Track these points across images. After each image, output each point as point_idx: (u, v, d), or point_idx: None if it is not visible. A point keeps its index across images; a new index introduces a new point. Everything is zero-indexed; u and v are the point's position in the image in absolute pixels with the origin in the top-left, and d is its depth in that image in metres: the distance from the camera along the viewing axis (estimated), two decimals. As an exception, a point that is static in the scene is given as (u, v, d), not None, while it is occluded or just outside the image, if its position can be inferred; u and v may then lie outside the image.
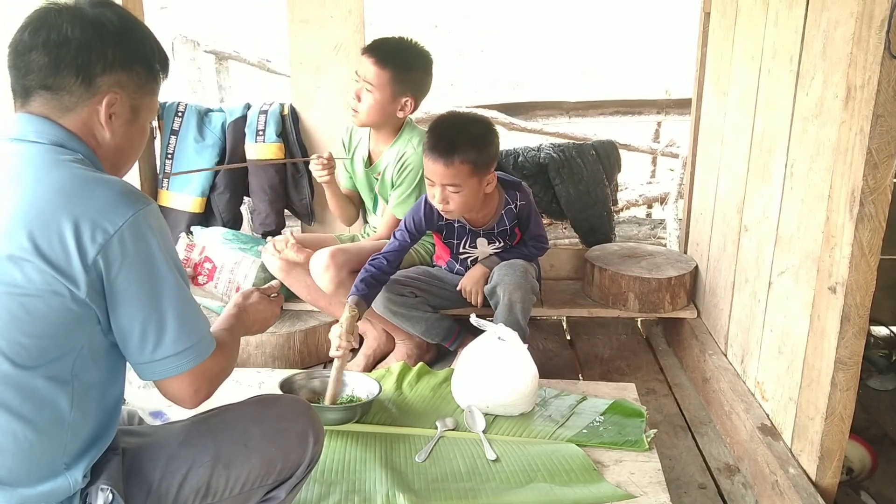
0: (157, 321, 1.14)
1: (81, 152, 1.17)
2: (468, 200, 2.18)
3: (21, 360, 1.07)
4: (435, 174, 2.13)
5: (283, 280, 2.54)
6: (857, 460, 2.07)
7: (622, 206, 5.06)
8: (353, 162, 2.67)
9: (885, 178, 1.56)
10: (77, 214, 1.07)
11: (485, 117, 2.24)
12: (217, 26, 10.04)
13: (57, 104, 1.16)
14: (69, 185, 1.09)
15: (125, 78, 1.19)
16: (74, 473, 1.14)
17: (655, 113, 5.92)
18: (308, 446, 1.37)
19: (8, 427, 1.08)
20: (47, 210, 1.06)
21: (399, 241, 2.31)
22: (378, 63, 2.36)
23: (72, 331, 1.10)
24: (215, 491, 1.27)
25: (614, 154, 3.21)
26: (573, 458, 1.83)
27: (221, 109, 2.96)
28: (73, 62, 1.14)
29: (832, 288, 1.67)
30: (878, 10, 1.50)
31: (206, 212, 2.91)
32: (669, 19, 11.43)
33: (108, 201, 1.09)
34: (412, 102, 2.42)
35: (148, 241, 1.12)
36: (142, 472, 1.24)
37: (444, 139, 2.11)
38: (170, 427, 1.37)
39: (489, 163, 2.17)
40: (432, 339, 2.45)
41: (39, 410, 1.09)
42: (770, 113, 2.07)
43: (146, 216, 1.12)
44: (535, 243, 2.40)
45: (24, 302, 1.05)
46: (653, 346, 2.93)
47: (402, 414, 2.03)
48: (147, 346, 1.15)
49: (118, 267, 1.09)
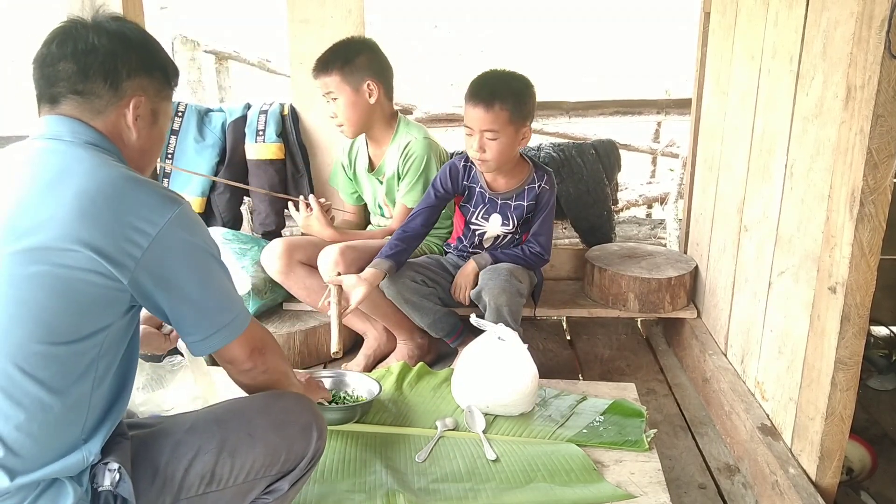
0: (206, 302, 1.25)
1: (113, 153, 1.26)
2: (504, 150, 2.23)
3: (57, 337, 1.13)
4: (475, 120, 2.20)
5: (282, 282, 2.54)
6: (857, 460, 2.07)
7: (622, 206, 5.06)
8: (356, 175, 2.70)
9: (885, 178, 1.56)
10: (127, 211, 1.15)
11: (524, 75, 2.30)
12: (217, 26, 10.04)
13: (88, 107, 1.25)
14: (120, 183, 1.17)
15: (147, 82, 1.30)
16: (90, 447, 1.18)
17: (655, 113, 5.90)
18: (312, 440, 1.41)
19: (41, 400, 1.12)
20: (100, 204, 1.14)
21: (428, 200, 2.40)
22: (322, 73, 2.47)
23: (107, 310, 1.17)
24: (220, 478, 1.31)
25: (614, 153, 3.20)
26: (573, 458, 1.83)
27: (221, 109, 2.96)
28: (101, 68, 1.24)
29: (832, 288, 1.67)
30: (878, 10, 1.50)
31: (206, 212, 2.92)
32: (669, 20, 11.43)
33: (154, 200, 1.18)
34: (374, 84, 2.48)
35: (190, 233, 1.22)
36: (149, 456, 1.28)
37: (485, 87, 2.21)
38: (177, 417, 1.41)
39: (526, 115, 2.24)
40: (436, 333, 2.45)
41: (71, 384, 1.15)
42: (770, 113, 2.07)
43: (185, 213, 1.22)
44: (534, 245, 2.39)
45: (68, 279, 1.12)
46: (653, 346, 2.93)
47: (402, 414, 2.03)
48: (202, 324, 1.26)
49: (165, 260, 1.18)
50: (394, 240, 2.35)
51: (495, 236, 2.43)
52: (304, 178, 2.93)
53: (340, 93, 2.46)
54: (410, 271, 2.36)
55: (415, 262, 2.42)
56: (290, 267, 2.50)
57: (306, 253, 2.52)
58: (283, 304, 2.79)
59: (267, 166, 2.87)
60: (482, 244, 2.46)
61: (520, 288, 2.27)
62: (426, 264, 2.44)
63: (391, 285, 2.32)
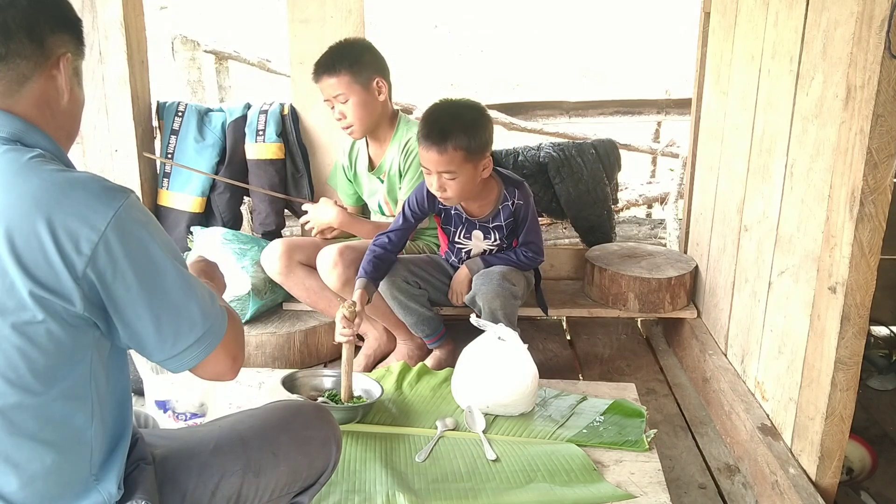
0: (168, 315, 1.08)
1: (42, 145, 1.09)
2: (465, 186, 2.19)
3: (35, 388, 1.03)
4: (430, 162, 2.15)
5: (282, 282, 2.55)
6: (857, 460, 2.07)
7: (622, 205, 5.05)
8: (357, 175, 2.69)
9: (885, 178, 1.56)
10: (56, 225, 0.99)
11: (477, 102, 2.25)
12: (217, 26, 10.04)
13: (11, 77, 1.08)
14: (40, 194, 1.00)
15: (68, 37, 1.14)
16: (107, 486, 1.12)
17: (655, 113, 5.91)
18: (331, 453, 1.41)
19: (34, 454, 1.05)
20: (24, 224, 0.98)
21: (403, 221, 2.35)
22: (328, 74, 2.42)
23: (77, 345, 1.05)
24: (245, 499, 1.29)
25: (614, 153, 3.20)
26: (573, 458, 1.83)
27: (221, 109, 2.96)
28: (23, 23, 1.07)
29: (832, 288, 1.67)
30: (878, 10, 1.50)
31: (206, 212, 2.91)
32: (669, 19, 11.44)
33: (85, 205, 1.01)
34: (382, 81, 2.47)
35: (136, 236, 1.05)
36: (175, 480, 1.24)
37: (436, 127, 2.14)
38: (198, 432, 1.37)
39: (483, 148, 2.18)
40: (416, 332, 2.46)
41: (60, 431, 1.06)
42: (770, 113, 2.07)
43: (128, 211, 1.04)
44: (526, 250, 2.37)
45: (25, 330, 1.00)
46: (653, 346, 2.93)
47: (402, 414, 2.03)
48: (167, 342, 1.10)
49: (112, 273, 1.02)
50: (371, 257, 2.28)
51: (482, 251, 2.42)
52: (304, 178, 2.93)
53: (351, 93, 2.42)
54: (405, 271, 2.36)
55: (412, 260, 2.42)
56: (290, 267, 2.50)
57: (306, 253, 2.52)
58: (283, 304, 2.79)
59: (267, 166, 2.86)
60: (470, 253, 2.45)
61: (513, 290, 2.26)
62: (422, 264, 2.44)
63: (384, 282, 2.33)
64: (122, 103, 2.77)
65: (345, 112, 2.45)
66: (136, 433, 1.25)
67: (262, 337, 2.58)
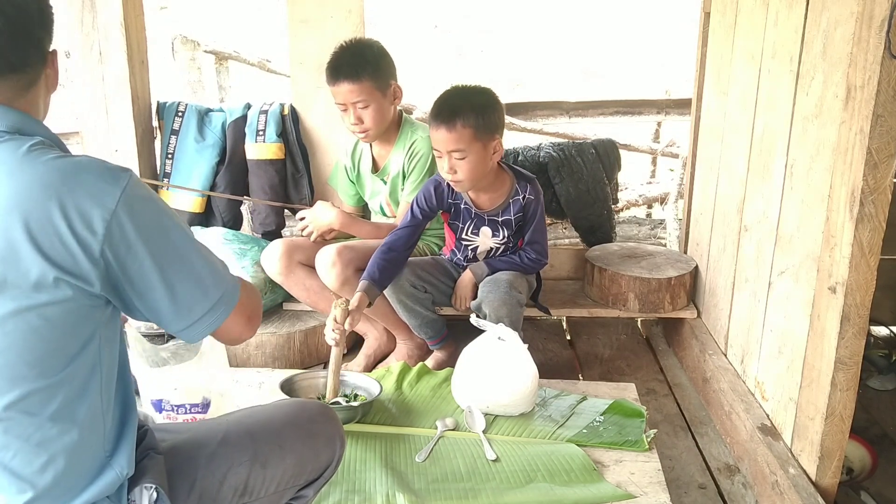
0: (183, 285, 1.12)
1: (40, 133, 1.11)
2: (475, 168, 2.19)
3: (54, 368, 1.05)
4: (440, 142, 2.17)
5: (282, 283, 2.54)
6: (857, 460, 2.07)
7: (622, 205, 5.05)
8: (360, 176, 2.69)
9: (885, 178, 1.56)
10: (68, 208, 1.02)
11: (487, 88, 2.26)
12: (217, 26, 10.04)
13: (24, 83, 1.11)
14: (48, 179, 1.03)
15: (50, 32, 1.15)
16: (119, 461, 1.14)
17: (655, 113, 5.90)
18: (336, 448, 1.43)
19: (55, 434, 1.07)
20: (37, 210, 1.01)
21: (411, 218, 2.35)
22: (351, 80, 2.37)
23: (90, 323, 1.08)
24: (252, 490, 1.31)
25: (614, 153, 3.20)
26: (573, 458, 1.83)
27: (221, 109, 2.96)
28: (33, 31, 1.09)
29: (832, 288, 1.67)
30: (878, 10, 1.50)
31: (206, 212, 2.91)
32: (670, 20, 11.43)
33: (93, 185, 1.04)
34: (398, 86, 2.48)
35: (145, 211, 1.08)
36: (184, 470, 1.27)
37: (446, 106, 2.17)
38: (206, 425, 1.40)
39: (493, 128, 2.19)
40: (419, 334, 2.47)
41: (78, 409, 1.09)
42: (770, 113, 2.07)
43: (134, 188, 1.07)
44: (531, 252, 2.38)
45: (44, 313, 1.03)
46: (653, 346, 2.93)
47: (402, 414, 2.03)
48: (183, 311, 1.13)
49: (126, 248, 1.06)
50: (380, 257, 2.25)
51: (489, 249, 2.42)
52: (304, 178, 2.93)
53: (373, 99, 2.39)
54: (411, 275, 2.36)
55: (417, 263, 2.41)
56: (290, 268, 2.50)
57: (306, 254, 2.52)
58: (283, 304, 2.79)
59: (267, 166, 2.86)
60: (476, 258, 2.45)
61: (519, 299, 2.26)
62: (427, 268, 2.43)
63: (390, 285, 2.32)
64: (122, 103, 2.77)
65: (363, 117, 2.42)
66: (145, 425, 1.29)
67: (262, 337, 2.57)
